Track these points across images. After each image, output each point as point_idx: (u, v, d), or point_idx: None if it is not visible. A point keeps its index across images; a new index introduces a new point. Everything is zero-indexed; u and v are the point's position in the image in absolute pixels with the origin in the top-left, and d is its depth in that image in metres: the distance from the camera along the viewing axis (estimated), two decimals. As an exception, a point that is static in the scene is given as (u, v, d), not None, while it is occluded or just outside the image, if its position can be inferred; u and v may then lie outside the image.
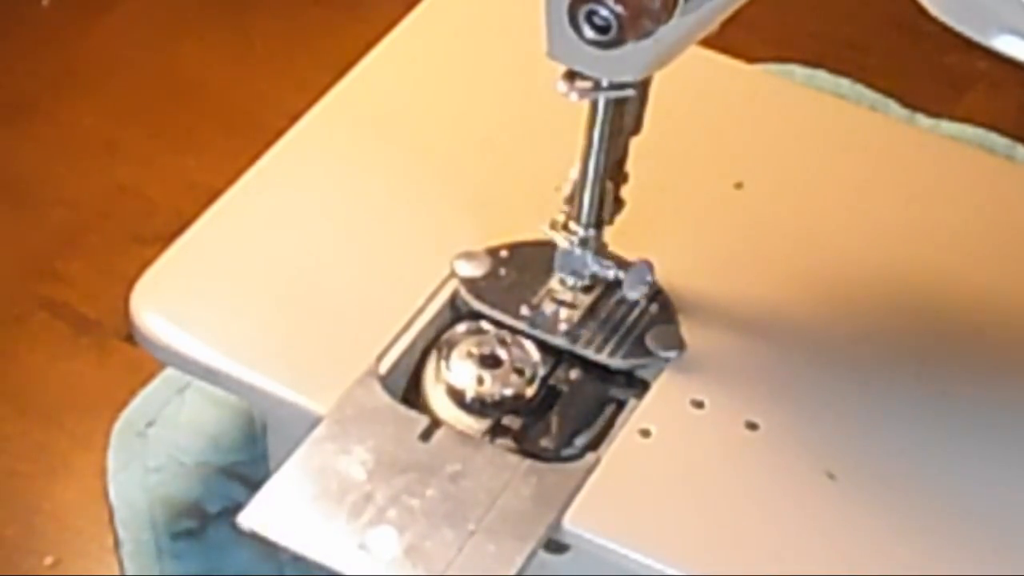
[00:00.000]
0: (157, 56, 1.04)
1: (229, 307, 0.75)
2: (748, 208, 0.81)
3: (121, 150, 0.99)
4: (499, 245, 0.77)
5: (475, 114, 0.84)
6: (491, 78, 0.86)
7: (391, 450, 0.69)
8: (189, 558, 0.79)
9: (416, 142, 0.82)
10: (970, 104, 1.01)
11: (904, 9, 0.60)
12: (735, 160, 0.83)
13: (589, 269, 0.73)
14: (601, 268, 0.73)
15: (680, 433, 0.71)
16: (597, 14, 0.62)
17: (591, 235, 0.73)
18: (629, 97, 0.69)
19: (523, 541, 0.66)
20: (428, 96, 0.85)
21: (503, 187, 0.80)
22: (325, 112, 0.83)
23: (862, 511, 0.69)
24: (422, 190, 0.80)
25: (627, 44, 0.62)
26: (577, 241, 0.73)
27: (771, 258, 0.78)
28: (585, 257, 0.73)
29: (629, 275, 0.73)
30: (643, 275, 0.73)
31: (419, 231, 0.78)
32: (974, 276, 0.78)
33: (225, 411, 0.84)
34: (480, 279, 0.75)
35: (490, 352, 0.73)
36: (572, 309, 0.74)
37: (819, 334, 0.75)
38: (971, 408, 0.73)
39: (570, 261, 0.74)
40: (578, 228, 0.73)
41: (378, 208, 0.79)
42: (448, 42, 0.88)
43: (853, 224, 0.80)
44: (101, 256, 0.93)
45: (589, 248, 0.73)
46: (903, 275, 0.78)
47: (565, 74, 0.67)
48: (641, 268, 0.73)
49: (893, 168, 0.83)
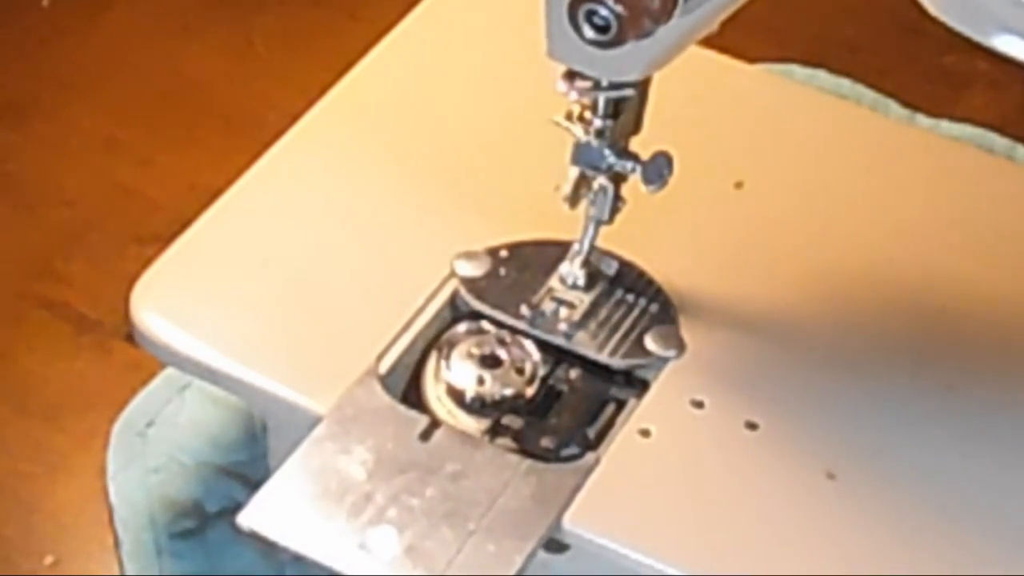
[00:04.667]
0: (157, 56, 1.04)
1: (229, 307, 0.75)
2: (748, 208, 0.81)
3: (121, 150, 0.99)
4: (499, 245, 0.77)
5: (475, 114, 0.84)
6: (491, 78, 0.86)
7: (391, 450, 0.69)
8: (189, 558, 0.79)
9: (416, 142, 0.82)
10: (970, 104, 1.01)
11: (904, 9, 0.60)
12: (735, 160, 0.83)
13: (606, 161, 0.71)
14: (618, 160, 0.71)
15: (680, 433, 0.71)
16: (597, 14, 0.62)
17: (608, 126, 0.71)
18: (629, 97, 0.69)
19: (523, 541, 0.66)
20: (428, 96, 0.85)
21: (503, 187, 0.80)
22: (325, 112, 0.83)
23: (862, 511, 0.69)
24: (422, 190, 0.80)
25: (627, 44, 0.62)
26: (594, 132, 0.71)
27: (771, 258, 0.78)
28: (602, 149, 0.71)
29: (647, 168, 0.71)
30: (661, 168, 0.71)
31: (419, 231, 0.78)
32: (974, 276, 0.78)
33: (225, 411, 0.84)
34: (480, 279, 0.75)
35: (490, 352, 0.73)
36: (572, 309, 0.74)
37: (819, 334, 0.75)
38: (971, 408, 0.73)
39: (586, 154, 0.72)
40: (595, 119, 0.71)
41: (378, 208, 0.79)
42: (448, 42, 0.88)
43: (853, 224, 0.80)
44: (101, 256, 0.93)
45: (605, 139, 0.71)
46: (903, 275, 0.78)
47: (565, 74, 0.67)
48: (659, 160, 0.72)
49: (893, 168, 0.83)
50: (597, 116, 0.70)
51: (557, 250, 0.76)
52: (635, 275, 0.76)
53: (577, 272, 0.75)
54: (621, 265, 0.76)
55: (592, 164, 0.72)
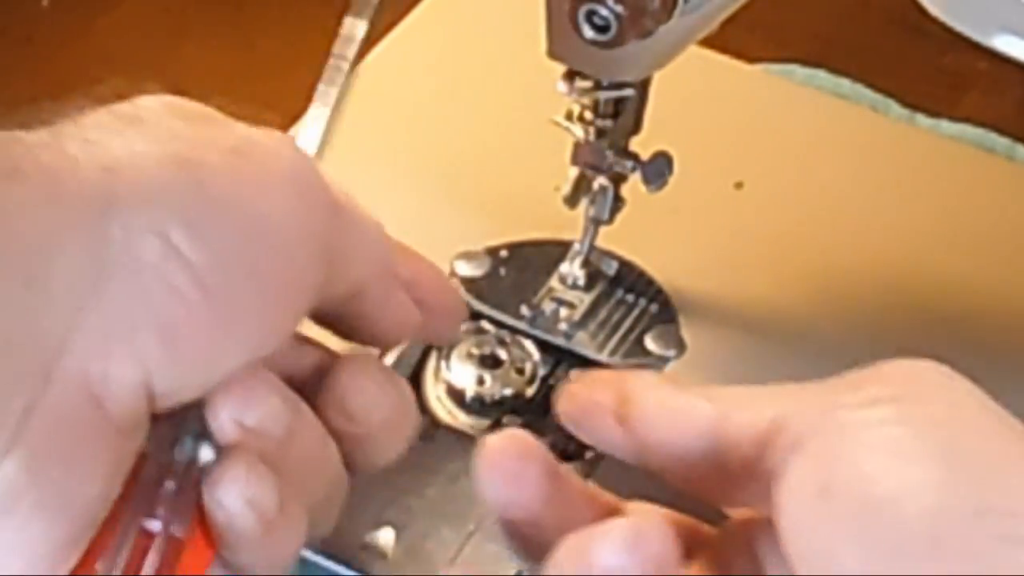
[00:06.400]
0: (157, 56, 1.04)
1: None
2: (748, 208, 0.81)
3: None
4: (499, 245, 0.77)
5: (475, 114, 0.84)
6: (491, 78, 0.86)
7: (391, 450, 0.69)
8: (189, 558, 0.79)
9: (416, 142, 0.82)
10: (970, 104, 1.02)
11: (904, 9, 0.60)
12: (735, 160, 0.83)
13: (606, 161, 0.71)
14: (618, 160, 0.71)
15: (680, 433, 0.71)
16: (597, 14, 0.62)
17: (608, 126, 0.70)
18: (629, 97, 0.69)
19: (523, 541, 0.66)
20: (428, 96, 0.85)
21: (503, 187, 0.80)
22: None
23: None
24: (422, 190, 0.80)
25: (627, 44, 0.62)
26: (594, 132, 0.71)
27: (771, 258, 0.78)
28: (602, 149, 0.71)
29: (647, 168, 0.71)
30: (661, 168, 0.71)
31: (419, 231, 0.78)
32: (974, 276, 0.78)
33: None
34: (480, 279, 0.75)
35: (490, 352, 0.73)
36: (572, 309, 0.74)
37: (819, 334, 0.75)
38: (971, 408, 0.72)
39: (586, 154, 0.71)
40: (595, 119, 0.70)
41: (378, 207, 0.79)
42: (448, 42, 0.88)
43: (853, 224, 0.80)
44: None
45: (605, 139, 0.71)
46: (903, 275, 0.78)
47: (565, 74, 0.67)
48: (659, 160, 0.72)
49: (893, 168, 0.83)
50: (597, 116, 0.70)
51: (557, 250, 0.76)
52: (635, 275, 0.76)
53: (577, 272, 0.75)
54: (621, 265, 0.76)
55: (592, 164, 0.72)
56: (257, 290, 0.48)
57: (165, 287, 0.46)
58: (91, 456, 0.46)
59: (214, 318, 0.47)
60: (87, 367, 0.46)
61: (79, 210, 0.46)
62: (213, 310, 0.47)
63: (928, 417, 0.48)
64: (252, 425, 0.49)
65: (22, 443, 0.45)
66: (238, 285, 0.48)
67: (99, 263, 0.46)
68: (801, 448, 0.48)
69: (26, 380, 0.45)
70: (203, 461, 0.50)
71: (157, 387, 0.47)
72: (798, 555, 0.47)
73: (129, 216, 0.46)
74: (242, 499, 0.48)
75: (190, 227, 0.47)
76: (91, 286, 0.46)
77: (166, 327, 0.47)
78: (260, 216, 0.49)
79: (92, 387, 0.46)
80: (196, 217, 0.47)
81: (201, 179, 0.48)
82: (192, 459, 0.50)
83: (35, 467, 0.45)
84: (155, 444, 0.49)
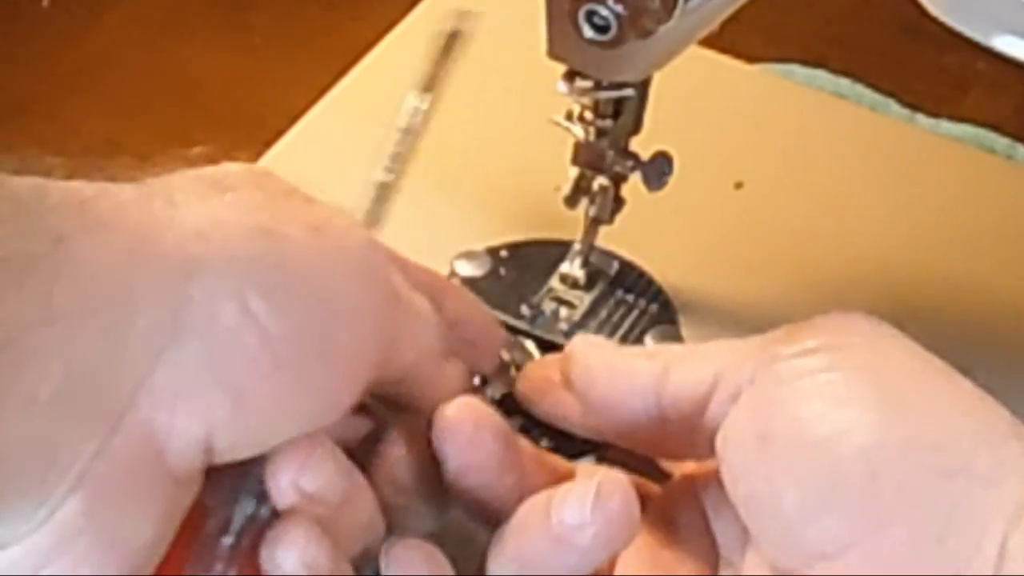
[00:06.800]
0: (157, 56, 1.04)
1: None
2: (748, 208, 0.81)
3: (121, 150, 0.99)
4: (499, 245, 0.77)
5: (475, 113, 0.84)
6: (491, 78, 0.86)
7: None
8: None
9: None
10: (970, 104, 1.02)
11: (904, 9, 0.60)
12: (735, 160, 0.83)
13: (606, 161, 0.71)
14: (618, 160, 0.71)
15: (680, 433, 0.71)
16: (597, 14, 0.62)
17: (608, 126, 0.70)
18: (629, 97, 0.69)
19: (523, 541, 0.66)
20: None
21: (503, 187, 0.80)
22: (325, 112, 0.83)
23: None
24: (422, 190, 0.80)
25: (627, 44, 0.62)
26: (594, 132, 0.71)
27: (771, 258, 0.78)
28: (602, 149, 0.71)
29: (647, 168, 0.71)
30: (661, 168, 0.71)
31: (419, 231, 0.78)
32: (974, 276, 0.78)
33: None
34: (480, 279, 0.75)
35: (490, 352, 0.73)
36: (572, 309, 0.74)
37: (819, 334, 0.75)
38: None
39: (586, 154, 0.71)
40: (595, 119, 0.70)
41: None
42: (448, 42, 0.88)
43: (853, 224, 0.80)
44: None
45: (605, 139, 0.71)
46: (903, 275, 0.78)
47: (565, 74, 0.67)
48: (659, 160, 0.72)
49: (893, 168, 0.83)
50: (597, 116, 0.70)
51: (557, 250, 0.76)
52: (635, 275, 0.76)
53: (577, 272, 0.75)
54: (621, 265, 0.76)
55: (592, 164, 0.72)
56: (324, 363, 0.50)
57: (239, 350, 0.48)
58: (147, 503, 0.48)
59: (281, 386, 0.49)
60: (154, 418, 0.47)
61: (164, 271, 0.47)
62: (281, 378, 0.49)
63: (859, 362, 0.51)
64: (310, 491, 0.51)
65: (85, 485, 0.46)
66: (307, 357, 0.50)
67: (178, 321, 0.47)
68: (740, 398, 0.51)
69: (99, 425, 0.46)
70: (261, 520, 0.51)
71: (217, 444, 0.49)
72: (742, 500, 0.50)
73: (213, 280, 0.48)
74: (300, 562, 0.50)
75: (269, 297, 0.49)
76: (168, 342, 0.47)
77: (235, 389, 0.48)
78: (333, 293, 0.51)
79: (156, 437, 0.47)
80: (275, 288, 0.49)
81: (283, 252, 0.50)
82: (251, 518, 0.52)
83: (94, 509, 0.47)
84: (212, 496, 0.51)
